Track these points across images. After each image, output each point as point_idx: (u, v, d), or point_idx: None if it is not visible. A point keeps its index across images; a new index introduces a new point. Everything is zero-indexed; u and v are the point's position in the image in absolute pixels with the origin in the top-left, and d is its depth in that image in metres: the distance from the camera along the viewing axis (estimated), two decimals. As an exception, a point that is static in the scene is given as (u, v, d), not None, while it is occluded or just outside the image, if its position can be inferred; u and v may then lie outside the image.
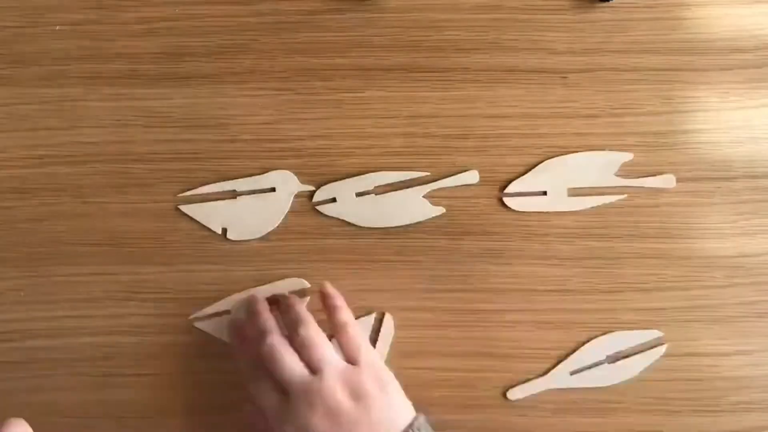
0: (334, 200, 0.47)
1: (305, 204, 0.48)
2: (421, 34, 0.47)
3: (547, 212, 0.47)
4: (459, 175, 0.47)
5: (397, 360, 0.48)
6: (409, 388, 0.48)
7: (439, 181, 0.46)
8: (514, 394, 0.48)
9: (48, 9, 0.47)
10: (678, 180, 0.48)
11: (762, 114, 0.47)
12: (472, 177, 0.47)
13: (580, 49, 0.47)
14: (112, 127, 0.48)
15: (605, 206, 0.48)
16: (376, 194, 0.47)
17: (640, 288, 0.48)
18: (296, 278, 0.47)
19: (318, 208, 0.47)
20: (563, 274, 0.48)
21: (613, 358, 0.48)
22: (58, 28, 0.47)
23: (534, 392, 0.48)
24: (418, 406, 0.49)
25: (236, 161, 0.48)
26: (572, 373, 0.48)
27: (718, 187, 0.48)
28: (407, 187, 0.47)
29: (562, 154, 0.48)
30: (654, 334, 0.47)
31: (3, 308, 0.48)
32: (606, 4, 0.47)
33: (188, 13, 0.47)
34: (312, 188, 0.47)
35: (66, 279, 0.48)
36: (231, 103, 0.48)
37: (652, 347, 0.47)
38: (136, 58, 0.47)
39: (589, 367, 0.48)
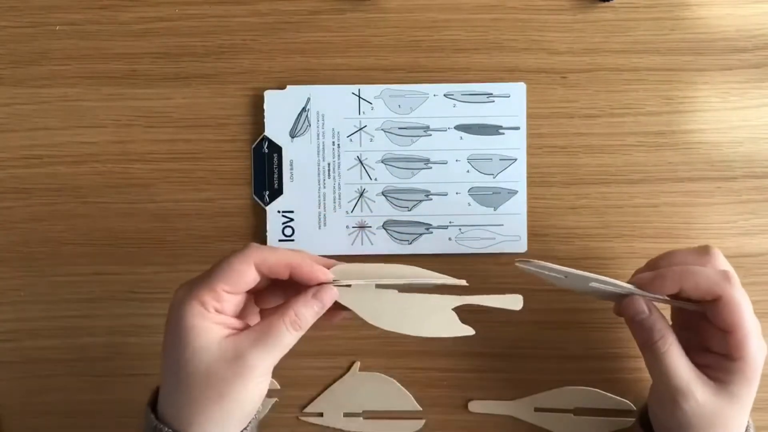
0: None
1: (305, 204, 0.48)
2: (421, 34, 0.47)
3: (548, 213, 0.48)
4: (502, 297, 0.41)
5: (397, 360, 0.48)
6: (409, 388, 0.48)
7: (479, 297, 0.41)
8: (474, 406, 0.48)
9: (48, 9, 0.47)
10: (678, 180, 0.48)
11: (762, 114, 0.47)
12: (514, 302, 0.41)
13: (580, 49, 0.47)
14: (112, 127, 0.48)
15: (605, 206, 0.48)
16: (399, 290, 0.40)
17: (640, 288, 0.48)
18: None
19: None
20: (563, 274, 0.48)
21: (580, 412, 0.48)
22: (58, 28, 0.47)
23: (495, 412, 0.48)
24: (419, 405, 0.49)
25: (236, 161, 0.48)
26: (537, 409, 0.48)
27: (718, 187, 0.48)
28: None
29: (562, 154, 0.48)
30: (627, 404, 0.47)
31: (3, 308, 0.48)
32: (606, 4, 0.47)
33: (188, 13, 0.47)
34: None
35: (66, 279, 0.48)
36: (231, 103, 0.48)
37: (620, 416, 0.47)
38: (136, 58, 0.47)
39: (555, 411, 0.48)
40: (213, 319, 0.36)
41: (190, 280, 0.37)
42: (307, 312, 0.37)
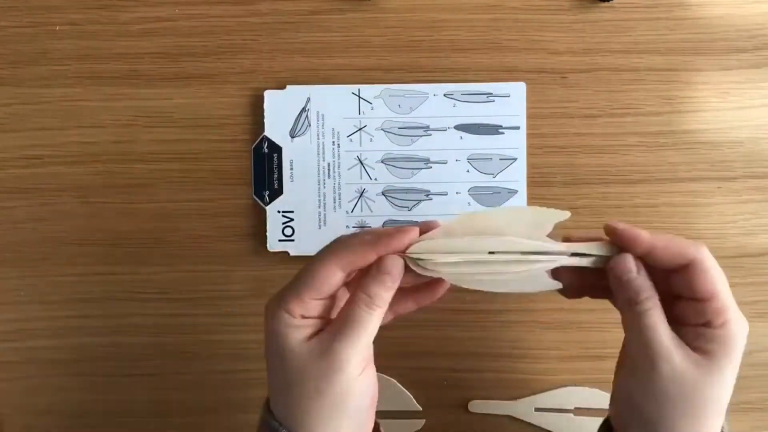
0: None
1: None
2: (421, 34, 0.47)
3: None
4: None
5: (397, 360, 0.48)
6: (409, 388, 0.48)
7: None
8: (475, 406, 0.48)
9: (48, 9, 0.47)
10: (678, 180, 0.48)
11: (762, 114, 0.47)
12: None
13: (580, 49, 0.47)
14: (112, 127, 0.48)
15: (605, 206, 0.48)
16: None
17: (640, 288, 0.48)
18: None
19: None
20: (563, 274, 0.48)
21: (580, 412, 0.48)
22: (58, 28, 0.47)
23: (495, 412, 0.48)
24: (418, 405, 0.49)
25: (236, 161, 0.48)
26: (537, 409, 0.48)
27: (718, 187, 0.48)
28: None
29: (562, 154, 0.48)
30: None
31: (3, 308, 0.48)
32: (606, 4, 0.47)
33: (188, 13, 0.47)
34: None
35: (66, 279, 0.48)
36: (231, 103, 0.48)
37: None
38: (136, 58, 0.47)
39: (555, 411, 0.48)
40: (299, 323, 0.36)
41: (280, 290, 0.36)
42: (378, 288, 0.36)
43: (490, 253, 0.36)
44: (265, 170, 0.48)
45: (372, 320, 0.36)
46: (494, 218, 0.37)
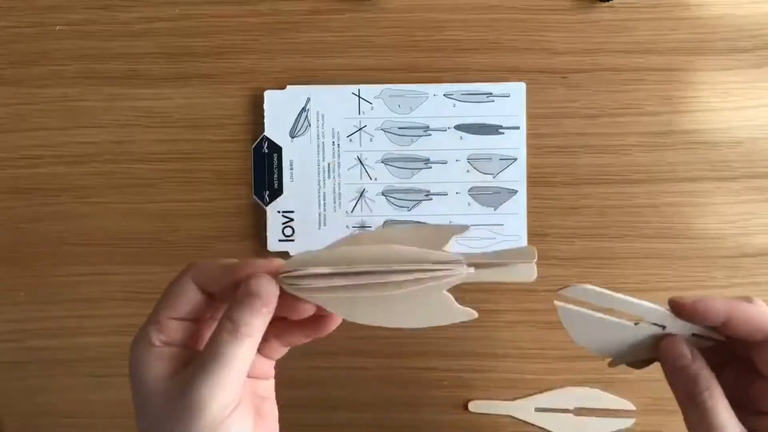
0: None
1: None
2: (421, 34, 0.47)
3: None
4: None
5: (396, 360, 0.48)
6: (408, 388, 0.49)
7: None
8: (475, 406, 0.48)
9: (48, 9, 0.47)
10: (678, 180, 0.48)
11: (762, 114, 0.47)
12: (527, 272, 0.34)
13: (580, 49, 0.47)
14: (112, 127, 0.48)
15: (605, 206, 0.48)
16: None
17: (640, 288, 0.48)
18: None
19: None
20: (563, 274, 0.48)
21: (580, 412, 0.48)
22: (58, 28, 0.47)
23: (495, 412, 0.48)
24: (418, 405, 0.49)
25: (236, 161, 0.48)
26: (537, 409, 0.48)
27: (718, 187, 0.48)
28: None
29: (562, 154, 0.48)
30: (627, 404, 0.47)
31: (3, 308, 0.48)
32: (606, 4, 0.47)
33: (188, 13, 0.47)
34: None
35: (66, 279, 0.48)
36: (231, 103, 0.48)
37: (620, 416, 0.48)
38: (136, 58, 0.47)
39: (555, 411, 0.48)
40: (160, 353, 0.31)
41: None
42: (243, 313, 0.30)
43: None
44: (265, 170, 0.48)
45: (239, 351, 0.29)
46: (383, 236, 0.31)
